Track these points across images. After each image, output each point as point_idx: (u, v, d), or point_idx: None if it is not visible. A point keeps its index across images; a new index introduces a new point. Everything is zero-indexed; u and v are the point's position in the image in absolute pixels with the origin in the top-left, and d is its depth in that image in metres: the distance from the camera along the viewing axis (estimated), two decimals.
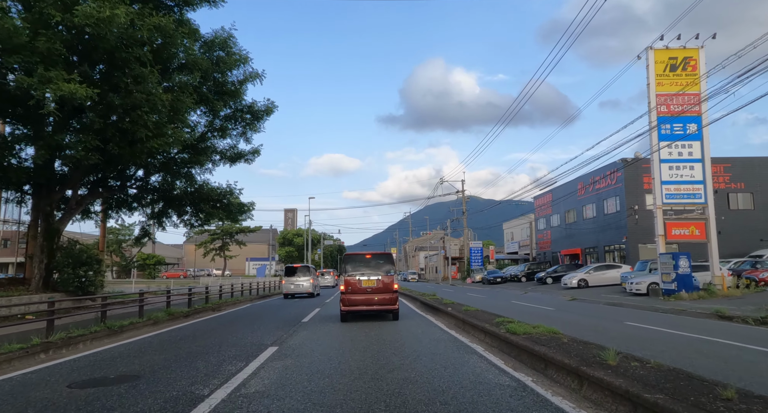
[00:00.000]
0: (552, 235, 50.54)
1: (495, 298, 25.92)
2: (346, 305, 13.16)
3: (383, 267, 13.42)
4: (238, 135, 22.21)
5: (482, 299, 25.08)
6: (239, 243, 58.37)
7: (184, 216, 22.02)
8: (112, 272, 56.73)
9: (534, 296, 27.41)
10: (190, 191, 21.23)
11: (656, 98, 22.12)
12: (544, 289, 33.60)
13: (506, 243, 74.25)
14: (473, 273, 58.28)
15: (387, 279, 13.14)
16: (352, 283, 13.16)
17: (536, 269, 47.83)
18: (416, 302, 20.15)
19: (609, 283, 31.36)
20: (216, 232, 56.45)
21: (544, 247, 53.14)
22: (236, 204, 22.61)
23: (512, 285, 43.06)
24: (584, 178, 41.77)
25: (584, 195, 42.20)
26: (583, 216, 42.87)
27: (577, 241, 44.06)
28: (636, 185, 35.29)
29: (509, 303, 21.64)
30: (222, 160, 22.62)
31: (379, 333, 10.84)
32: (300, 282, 27.76)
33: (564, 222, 47.20)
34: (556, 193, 48.39)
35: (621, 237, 36.02)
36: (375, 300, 13.07)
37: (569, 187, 44.92)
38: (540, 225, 54.37)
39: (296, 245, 75.34)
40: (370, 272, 13.26)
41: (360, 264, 13.52)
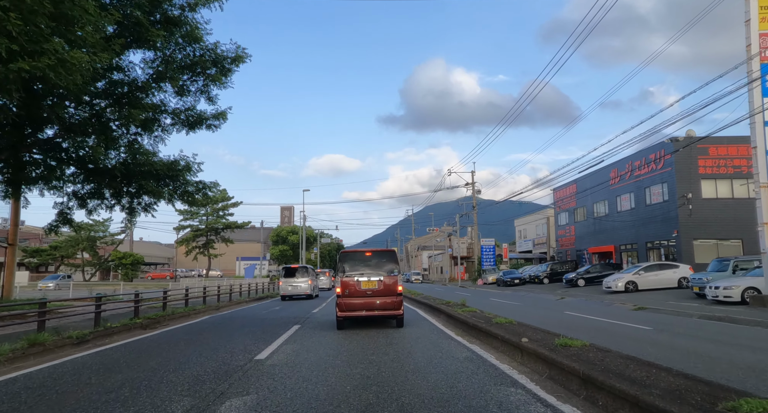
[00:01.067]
0: (576, 231, 44.90)
1: (532, 306, 20.28)
2: (343, 310, 11.47)
3: (385, 266, 11.70)
4: (198, 92, 16.61)
5: (515, 307, 19.45)
6: (226, 241, 52.69)
7: (123, 198, 16.34)
8: (84, 273, 51.10)
9: (576, 303, 21.75)
10: (129, 163, 15.57)
11: (759, 39, 16.47)
12: (580, 293, 27.98)
13: (518, 241, 68.66)
14: (485, 274, 52.67)
15: (390, 280, 11.48)
16: (349, 285, 11.45)
17: (560, 269, 42.24)
18: (438, 314, 14.47)
19: (664, 286, 25.75)
20: (199, 228, 50.78)
21: (566, 245, 47.49)
22: (194, 183, 16.98)
23: (535, 288, 37.43)
24: (619, 164, 36.14)
25: (619, 183, 36.56)
26: (617, 208, 37.23)
27: (609, 237, 38.42)
28: (689, 169, 29.68)
29: (561, 315, 16.01)
30: (176, 125, 16.99)
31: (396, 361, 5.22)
32: (298, 284, 26.64)
33: (592, 215, 41.56)
34: (582, 184, 42.72)
35: (670, 232, 30.37)
36: (376, 304, 11.41)
37: (600, 175, 39.27)
38: (561, 220, 48.73)
39: (291, 243, 69.69)
40: (371, 272, 11.58)
41: (359, 263, 11.75)
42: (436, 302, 16.84)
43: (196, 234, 50.60)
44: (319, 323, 13.34)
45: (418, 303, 19.41)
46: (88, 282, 50.60)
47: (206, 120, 16.91)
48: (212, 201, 50.22)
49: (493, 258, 55.55)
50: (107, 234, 52.40)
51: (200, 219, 51.08)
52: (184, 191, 17.13)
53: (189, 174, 16.63)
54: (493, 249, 55.74)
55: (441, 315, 13.69)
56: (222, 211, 51.25)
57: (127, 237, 53.75)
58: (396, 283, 11.43)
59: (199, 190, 17.47)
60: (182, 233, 52.54)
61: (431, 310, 15.75)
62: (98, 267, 51.70)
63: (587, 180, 41.54)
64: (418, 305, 18.94)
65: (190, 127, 17.03)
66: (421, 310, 16.99)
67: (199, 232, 50.47)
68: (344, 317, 11.49)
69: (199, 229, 50.65)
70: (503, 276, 44.91)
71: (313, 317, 15.30)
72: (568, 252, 47.07)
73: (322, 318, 14.66)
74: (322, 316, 15.46)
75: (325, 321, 13.65)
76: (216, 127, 17.27)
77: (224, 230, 51.77)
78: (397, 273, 11.58)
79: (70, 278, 47.21)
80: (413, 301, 20.82)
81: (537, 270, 44.22)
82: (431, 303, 16.98)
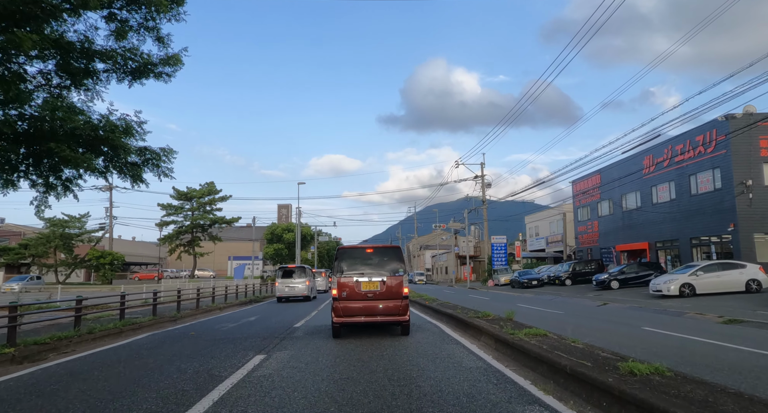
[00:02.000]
0: (600, 227, 40.46)
1: (582, 316, 15.80)
2: (339, 315, 9.89)
3: (389, 264, 10.13)
4: (143, 29, 12.17)
5: (560, 318, 15.00)
6: (213, 239, 48.17)
7: (32, 168, 11.84)
8: (57, 274, 46.63)
9: (630, 312, 17.27)
10: (42, 121, 11.13)
11: None
12: (621, 297, 23.56)
13: (529, 239, 64.25)
14: (496, 275, 48.28)
15: (394, 280, 9.95)
16: (347, 287, 9.89)
17: (584, 269, 37.87)
18: (473, 333, 10.00)
19: (728, 290, 21.34)
20: (184, 225, 46.25)
21: (587, 242, 43.05)
22: (136, 150, 12.51)
23: (559, 291, 33.01)
24: (655, 150, 31.70)
25: (655, 172, 32.12)
26: (652, 199, 32.79)
27: (641, 233, 33.98)
28: (748, 152, 25.25)
29: (639, 332, 11.57)
30: (113, 73, 12.53)
31: None
32: (295, 285, 25.40)
33: (620, 209, 37.13)
34: (607, 174, 38.31)
35: (723, 226, 25.92)
36: (379, 308, 9.84)
37: (629, 164, 34.86)
38: (581, 216, 44.28)
39: (286, 242, 65.17)
40: (372, 271, 10.02)
41: (359, 261, 10.19)
42: (467, 314, 12.32)
43: (180, 231, 46.11)
44: (304, 344, 8.92)
45: (436, 313, 14.95)
46: (63, 284, 46.15)
47: (154, 66, 12.45)
48: (197, 194, 45.76)
49: (505, 258, 51.12)
50: (83, 230, 47.95)
51: (185, 214, 46.56)
52: (126, 162, 12.67)
53: (127, 137, 12.17)
54: (504, 248, 51.30)
55: (482, 337, 9.21)
56: (209, 206, 46.80)
57: (106, 234, 49.35)
58: (401, 284, 10.04)
59: (147, 161, 13.00)
60: (170, 230, 48.21)
61: (460, 326, 11.29)
62: (73, 268, 47.17)
63: (614, 170, 37.15)
64: (438, 316, 14.47)
65: (133, 76, 12.55)
66: (445, 325, 12.52)
67: (183, 229, 45.98)
68: (341, 323, 10.00)
69: (184, 226, 46.14)
70: (519, 277, 40.50)
71: (295, 334, 10.88)
72: (589, 250, 42.62)
73: (312, 332, 10.27)
74: (310, 332, 11.05)
75: (313, 340, 9.25)
76: (168, 76, 12.79)
77: (212, 226, 47.27)
78: (403, 273, 10.17)
79: (39, 279, 42.75)
80: (428, 310, 16.37)
81: (557, 270, 39.80)
82: (456, 313, 12.52)
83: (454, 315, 12.31)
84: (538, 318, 14.37)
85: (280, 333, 11.37)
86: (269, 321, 14.47)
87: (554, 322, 13.37)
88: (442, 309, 14.25)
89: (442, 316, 13.67)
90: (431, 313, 15.52)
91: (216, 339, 10.50)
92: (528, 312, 17.21)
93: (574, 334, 9.01)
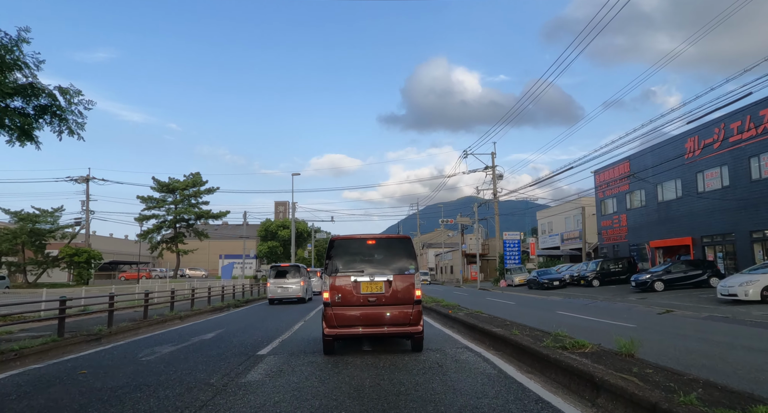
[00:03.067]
0: (629, 221, 36.10)
1: (656, 330, 11.38)
2: (332, 326, 7.77)
3: (397, 260, 8.03)
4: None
5: (642, 335, 10.55)
6: (200, 235, 43.79)
7: None
8: (26, 274, 42.27)
9: (720, 324, 12.87)
10: None
11: None
12: (678, 302, 19.25)
13: (541, 236, 59.90)
14: (510, 274, 43.95)
15: (403, 281, 7.90)
16: (343, 289, 7.83)
17: (613, 268, 33.59)
18: (540, 366, 5.64)
19: None
20: (165, 219, 41.81)
21: (613, 238, 38.69)
22: (12, 87, 8.19)
23: (587, 292, 28.72)
24: (702, 131, 27.36)
25: (702, 155, 27.74)
26: (697, 187, 28.44)
27: (682, 227, 29.62)
28: None
29: None
30: None
31: None
32: (288, 285, 23.51)
33: (655, 200, 32.78)
34: (639, 161, 33.98)
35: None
36: (385, 317, 7.75)
37: (666, 149, 30.57)
38: (606, 209, 39.91)
39: (281, 239, 60.83)
40: (375, 269, 7.95)
41: (357, 255, 8.07)
42: (538, 341, 7.84)
43: (161, 226, 41.71)
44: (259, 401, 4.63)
45: (468, 329, 10.59)
46: (30, 284, 41.83)
47: None
48: (180, 186, 41.37)
49: (519, 256, 46.78)
50: (57, 226, 43.59)
51: (167, 207, 42.16)
52: (6, 108, 8.36)
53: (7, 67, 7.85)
54: (518, 245, 46.97)
55: (582, 384, 4.83)
56: (194, 198, 42.43)
57: (82, 230, 45.03)
58: (412, 286, 7.88)
59: (44, 110, 8.68)
60: (151, 225, 43.74)
61: (537, 365, 6.83)
62: (45, 267, 42.81)
63: (648, 156, 32.81)
64: (474, 336, 10.06)
65: None
66: (500, 357, 8.07)
67: (165, 224, 41.58)
68: (334, 335, 7.75)
69: (166, 220, 41.75)
70: (538, 277, 36.15)
71: (252, 373, 6.53)
72: (615, 247, 38.28)
73: (287, 360, 5.97)
74: (283, 362, 6.74)
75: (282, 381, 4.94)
76: None
77: (197, 221, 42.92)
78: (414, 271, 8.00)
79: (3, 280, 38.41)
80: (455, 324, 12.00)
81: (581, 269, 35.50)
82: (514, 337, 8.09)
83: (511, 340, 7.85)
84: (605, 335, 10.04)
85: (231, 369, 7.03)
86: (230, 342, 10.11)
87: (654, 345, 8.98)
88: (481, 326, 9.85)
89: (485, 337, 9.28)
90: (461, 329, 11.15)
91: (104, 388, 6.07)
92: (581, 325, 12.83)
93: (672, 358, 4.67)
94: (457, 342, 9.52)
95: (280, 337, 10.67)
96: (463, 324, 11.21)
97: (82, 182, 46.83)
